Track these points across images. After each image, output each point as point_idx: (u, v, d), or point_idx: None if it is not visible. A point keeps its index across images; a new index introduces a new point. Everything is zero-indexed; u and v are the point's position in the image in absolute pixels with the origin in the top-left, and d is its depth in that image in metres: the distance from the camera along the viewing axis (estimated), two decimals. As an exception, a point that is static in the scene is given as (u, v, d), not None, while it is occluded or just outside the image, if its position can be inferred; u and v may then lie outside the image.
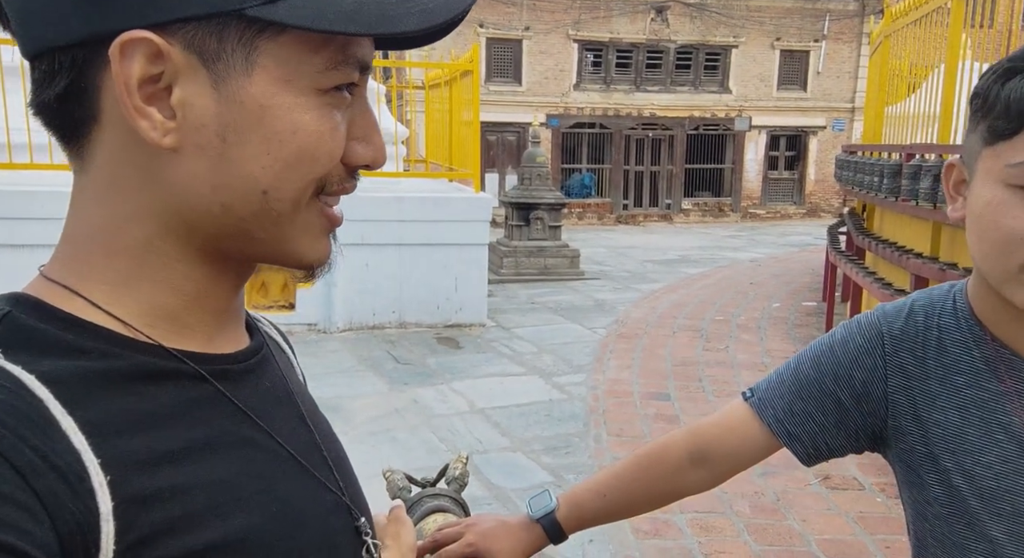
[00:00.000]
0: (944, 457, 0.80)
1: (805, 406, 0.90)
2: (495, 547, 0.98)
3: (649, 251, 12.31)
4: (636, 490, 1.01)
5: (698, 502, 3.38)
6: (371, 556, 0.58)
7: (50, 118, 0.47)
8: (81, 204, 0.48)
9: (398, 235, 6.14)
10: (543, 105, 16.73)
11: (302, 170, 0.46)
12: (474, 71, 6.59)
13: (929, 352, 0.82)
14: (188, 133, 0.44)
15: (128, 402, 0.44)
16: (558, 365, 5.51)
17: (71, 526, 0.38)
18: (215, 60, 0.43)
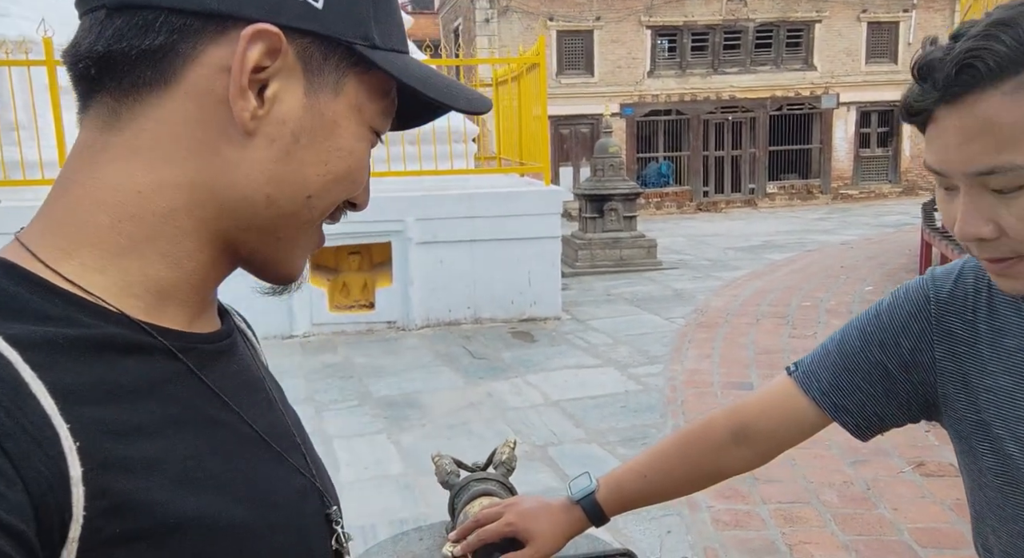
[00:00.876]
0: (996, 424, 0.76)
1: (852, 377, 0.87)
2: (534, 527, 0.97)
3: (731, 238, 11.96)
4: (678, 470, 0.99)
5: (782, 492, 3.26)
6: (340, 545, 0.57)
7: (109, 69, 0.46)
8: (99, 163, 0.47)
9: (470, 232, 6.19)
10: (616, 95, 16.51)
11: (341, 187, 0.52)
12: (541, 64, 6.56)
13: (979, 315, 0.78)
14: (268, 124, 0.48)
15: (98, 372, 0.43)
16: (634, 356, 5.43)
17: (43, 489, 0.38)
18: (315, 73, 0.49)
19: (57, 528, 0.39)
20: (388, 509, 3.22)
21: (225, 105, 0.46)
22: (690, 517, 3.11)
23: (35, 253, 0.46)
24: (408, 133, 6.25)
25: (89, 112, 0.48)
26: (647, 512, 3.14)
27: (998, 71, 0.61)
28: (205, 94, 0.46)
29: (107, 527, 0.40)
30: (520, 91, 7.08)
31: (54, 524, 0.39)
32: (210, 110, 0.46)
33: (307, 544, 0.53)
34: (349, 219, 2.48)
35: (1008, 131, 0.62)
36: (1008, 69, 0.61)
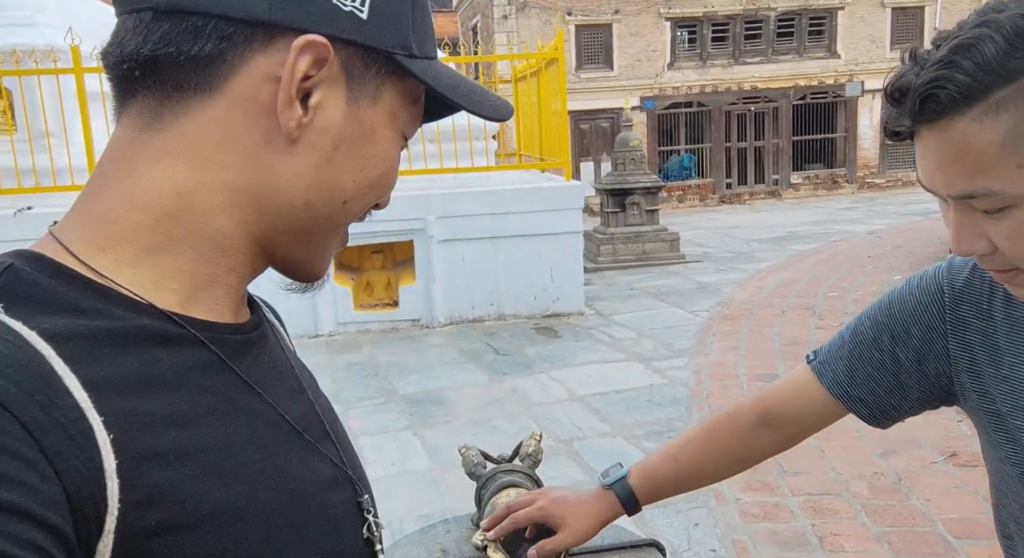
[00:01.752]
0: (1013, 415, 0.75)
1: (865, 367, 0.87)
2: (566, 513, 0.97)
3: (756, 230, 11.84)
4: (708, 453, 1.00)
5: (811, 484, 3.23)
6: (372, 534, 0.57)
7: (154, 71, 0.46)
8: (139, 163, 0.47)
9: (492, 228, 6.20)
10: (636, 88, 16.42)
11: (375, 192, 0.54)
12: (559, 58, 6.55)
13: (996, 304, 0.77)
14: (311, 132, 0.49)
15: (130, 364, 0.44)
16: (659, 350, 5.40)
17: (78, 483, 0.38)
18: (356, 82, 0.50)
19: (93, 521, 0.39)
20: (414, 505, 3.24)
21: (269, 112, 0.47)
22: (718, 510, 3.10)
23: (68, 247, 0.46)
24: (428, 131, 6.28)
25: (128, 112, 0.48)
26: (674, 505, 3.13)
27: (962, 100, 0.60)
28: (250, 101, 0.47)
29: (142, 519, 0.41)
30: (539, 87, 7.07)
31: (90, 517, 0.39)
32: (254, 117, 0.47)
33: (338, 533, 0.53)
34: (371, 218, 2.51)
35: (979, 157, 0.61)
36: (972, 96, 0.60)
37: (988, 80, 0.59)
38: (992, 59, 0.59)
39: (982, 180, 0.62)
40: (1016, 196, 0.62)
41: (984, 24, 0.60)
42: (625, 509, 1.01)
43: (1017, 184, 0.61)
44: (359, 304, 6.32)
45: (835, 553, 2.72)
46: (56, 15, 6.19)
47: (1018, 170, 0.60)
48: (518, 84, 8.02)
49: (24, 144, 5.59)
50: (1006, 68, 0.59)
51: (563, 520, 0.97)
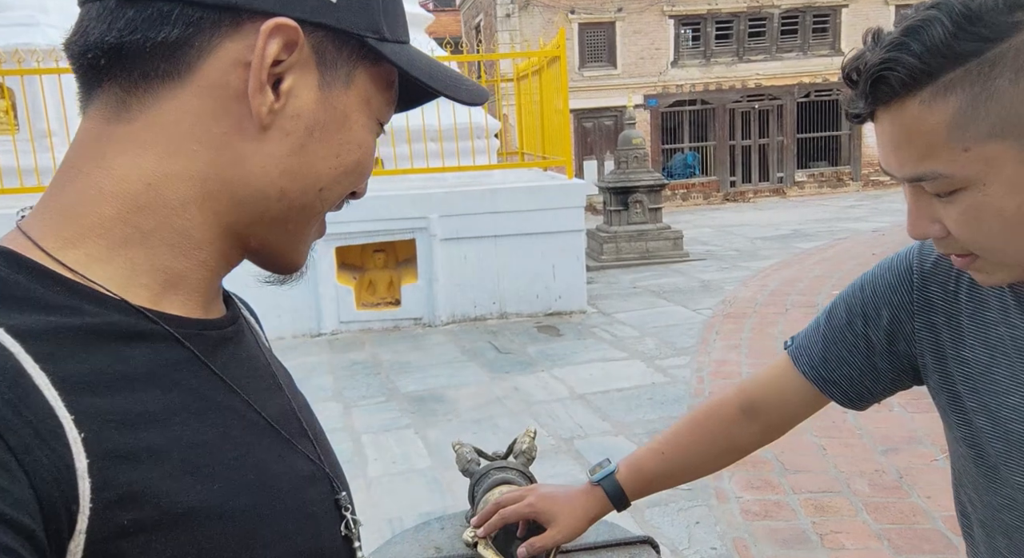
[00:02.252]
0: (969, 396, 0.76)
1: (838, 350, 0.87)
2: (556, 509, 0.97)
3: (760, 228, 11.81)
4: (693, 446, 1.00)
5: (812, 482, 3.22)
6: (350, 531, 0.56)
7: (120, 60, 0.45)
8: (106, 154, 0.46)
9: (493, 227, 6.20)
10: (640, 86, 16.39)
11: (351, 179, 0.53)
12: (561, 57, 6.54)
13: (962, 286, 0.77)
14: (283, 118, 0.48)
15: (101, 361, 0.43)
16: (661, 348, 5.39)
17: (48, 483, 0.37)
18: (328, 67, 0.49)
19: (64, 521, 0.38)
20: (416, 502, 3.25)
21: (240, 99, 0.46)
22: (719, 507, 3.09)
23: (37, 242, 0.45)
24: (430, 130, 6.29)
25: (94, 103, 0.47)
26: (675, 503, 3.13)
27: (911, 83, 0.60)
28: (220, 88, 0.46)
29: (115, 518, 0.40)
30: (541, 85, 7.06)
31: (61, 517, 0.38)
32: (224, 104, 0.46)
33: (316, 530, 0.52)
34: (374, 217, 2.56)
35: (929, 139, 0.61)
36: (921, 79, 0.60)
37: (937, 63, 0.59)
38: (940, 42, 0.59)
39: (931, 163, 0.62)
40: (964, 179, 0.62)
41: (935, 6, 0.60)
42: (614, 505, 1.00)
43: (965, 167, 0.61)
44: (361, 303, 6.32)
45: (836, 551, 2.72)
46: (58, 15, 6.21)
47: (964, 154, 0.60)
48: (520, 83, 8.02)
49: (26, 143, 5.61)
50: (954, 51, 0.58)
51: (552, 516, 0.97)
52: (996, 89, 0.58)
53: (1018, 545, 0.76)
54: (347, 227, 5.99)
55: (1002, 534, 0.78)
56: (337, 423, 4.23)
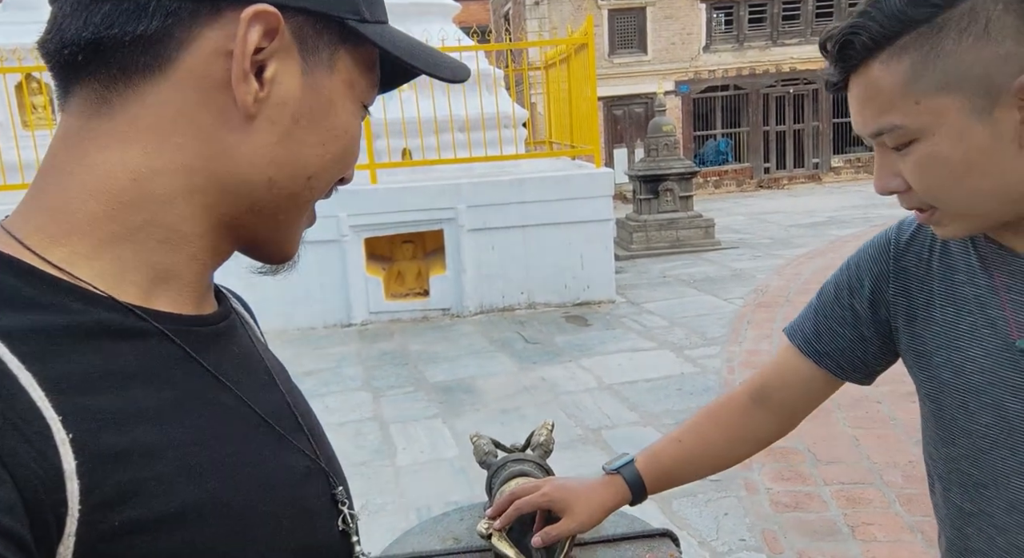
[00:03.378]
0: (938, 353, 0.82)
1: (829, 323, 0.92)
2: (570, 499, 0.97)
3: (794, 215, 11.61)
4: (709, 434, 1.01)
5: (844, 473, 3.17)
6: (348, 526, 0.56)
7: (97, 55, 0.44)
8: (89, 150, 0.46)
9: (521, 217, 6.18)
10: (671, 72, 16.18)
11: (339, 166, 0.52)
12: (589, 44, 6.48)
13: (934, 254, 0.83)
14: (268, 107, 0.47)
15: (90, 360, 0.42)
16: (691, 338, 5.34)
17: (35, 485, 0.37)
18: (310, 52, 0.48)
19: (53, 524, 0.38)
20: (443, 492, 3.27)
21: (223, 89, 0.45)
22: (748, 499, 3.06)
23: (22, 240, 0.44)
24: (458, 120, 6.29)
25: (73, 100, 0.46)
26: (703, 494, 3.10)
27: (873, 45, 0.69)
28: (202, 79, 0.45)
29: (105, 520, 0.39)
30: (569, 73, 7.01)
31: (49, 520, 0.37)
32: (208, 95, 0.46)
33: (313, 525, 0.52)
34: (402, 208, 2.56)
35: (887, 95, 0.70)
36: (882, 42, 0.68)
37: (894, 27, 0.67)
38: (897, 10, 0.67)
39: (888, 116, 0.70)
40: (916, 130, 0.69)
41: None
42: (633, 494, 1.00)
43: (917, 119, 0.69)
44: (391, 294, 6.37)
45: (867, 543, 2.67)
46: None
47: (915, 106, 0.68)
48: (548, 71, 7.97)
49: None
50: (908, 17, 0.67)
51: (568, 506, 0.96)
52: (943, 49, 0.66)
53: (972, 496, 0.82)
54: (376, 218, 6.04)
55: (958, 486, 0.83)
56: (366, 412, 4.28)
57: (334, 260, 6.03)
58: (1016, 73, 0.65)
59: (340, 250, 6.03)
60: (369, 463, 3.62)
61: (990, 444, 0.78)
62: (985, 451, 0.79)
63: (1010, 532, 0.79)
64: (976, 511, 0.82)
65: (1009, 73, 0.65)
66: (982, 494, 0.80)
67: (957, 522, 0.85)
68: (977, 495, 0.81)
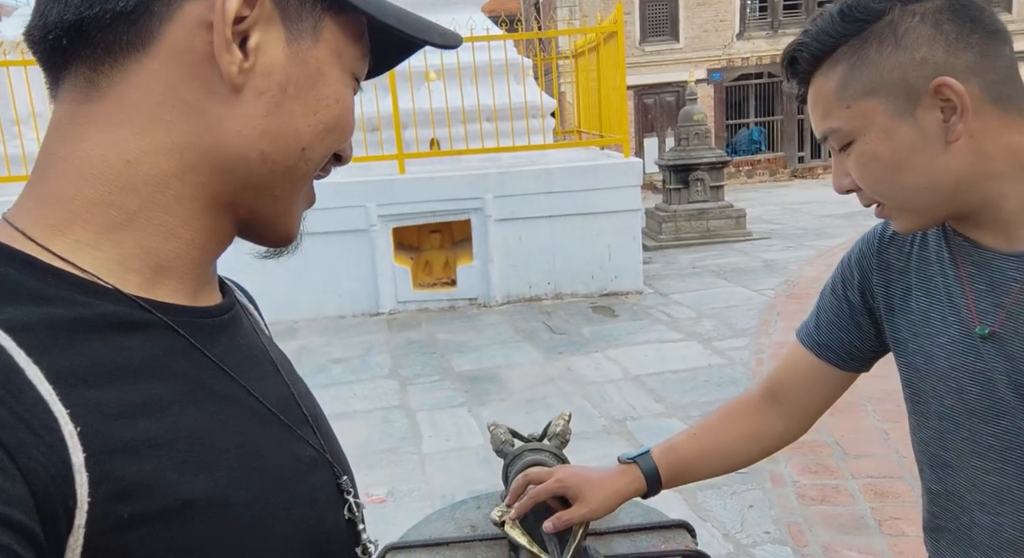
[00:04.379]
0: (911, 341, 0.87)
1: (827, 316, 0.96)
2: (584, 485, 0.97)
3: (828, 205, 11.38)
4: (724, 430, 1.03)
5: (872, 466, 3.13)
6: (353, 515, 0.56)
7: (81, 37, 0.44)
8: (82, 136, 0.45)
9: (548, 207, 6.17)
10: (703, 60, 15.94)
11: (333, 137, 0.51)
12: (619, 32, 6.42)
13: (914, 247, 0.88)
14: (254, 77, 0.46)
15: (96, 352, 0.42)
16: (719, 330, 5.29)
17: (44, 479, 0.37)
18: (293, 20, 0.48)
19: (62, 517, 0.38)
20: (468, 480, 3.30)
21: (208, 62, 0.45)
22: (774, 491, 3.03)
23: (24, 231, 0.44)
24: (485, 110, 6.28)
25: (63, 86, 0.46)
26: (728, 486, 3.08)
27: (813, 60, 0.78)
28: (186, 53, 0.45)
29: (114, 512, 0.39)
30: (599, 61, 6.96)
31: (58, 513, 0.37)
32: (193, 69, 0.45)
33: (319, 515, 0.52)
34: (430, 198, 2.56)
35: (826, 101, 0.78)
36: (820, 56, 0.77)
37: (828, 42, 0.76)
38: (829, 27, 0.76)
39: (828, 121, 0.78)
40: (850, 132, 0.77)
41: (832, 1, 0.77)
42: (648, 484, 1.00)
43: (849, 122, 0.76)
44: (418, 283, 6.41)
45: (895, 537, 2.63)
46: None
47: (847, 110, 0.76)
48: (578, 60, 7.91)
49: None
50: (839, 32, 0.76)
51: (581, 492, 0.96)
52: (867, 58, 0.74)
53: (940, 476, 0.87)
54: (404, 208, 6.07)
55: (928, 467, 0.89)
56: (393, 400, 4.33)
57: (363, 250, 6.09)
58: (931, 76, 0.72)
59: (369, 240, 6.08)
60: (395, 450, 3.66)
61: (953, 426, 0.83)
62: (949, 432, 0.84)
63: (972, 511, 0.84)
64: (942, 491, 0.87)
65: (925, 76, 0.72)
66: (948, 474, 0.85)
67: (929, 502, 0.91)
68: (944, 475, 0.86)
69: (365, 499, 3.25)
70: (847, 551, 2.60)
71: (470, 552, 1.08)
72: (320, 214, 5.86)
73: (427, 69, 6.31)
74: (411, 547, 1.09)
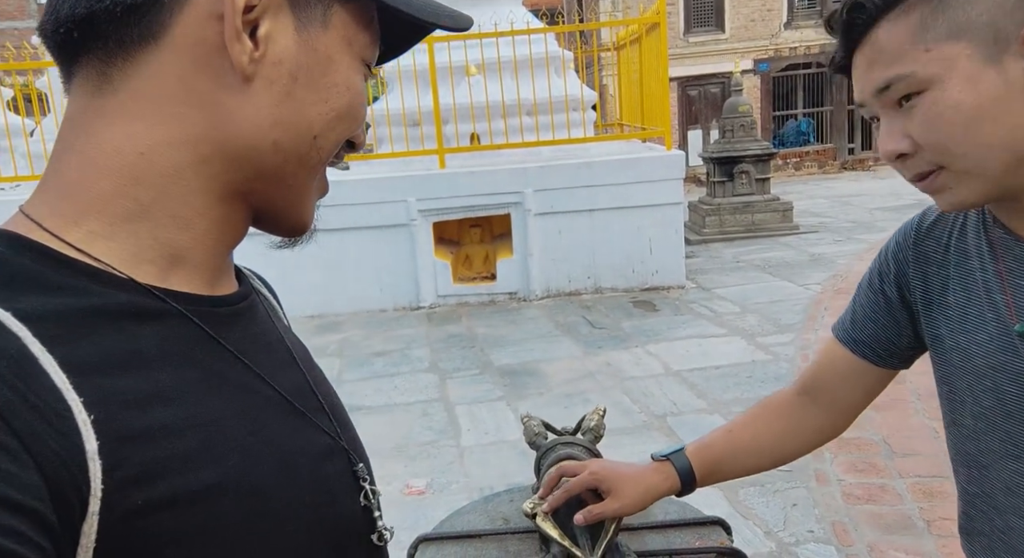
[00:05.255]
0: (948, 337, 0.84)
1: (864, 311, 0.93)
2: (617, 480, 0.96)
3: (879, 198, 11.08)
4: (759, 427, 1.01)
5: (922, 465, 3.04)
6: (369, 502, 0.56)
7: (93, 31, 0.45)
8: (96, 128, 0.46)
9: (589, 201, 6.13)
10: (749, 51, 15.63)
11: (344, 124, 0.51)
12: (661, 23, 6.33)
13: (952, 238, 0.84)
14: (265, 66, 0.47)
15: (110, 341, 0.42)
16: (763, 325, 5.19)
17: (56, 466, 0.37)
18: (302, 8, 0.48)
19: (76, 504, 0.38)
20: (506, 473, 3.30)
21: (218, 53, 0.45)
22: (818, 490, 2.97)
23: (40, 223, 0.45)
24: (525, 103, 6.27)
25: (76, 79, 0.47)
26: (771, 484, 3.03)
27: (883, 7, 0.71)
28: (197, 44, 0.45)
29: (128, 499, 0.40)
30: (641, 53, 6.88)
31: (72, 500, 0.38)
32: (204, 60, 0.45)
33: (335, 503, 0.52)
34: (470, 192, 2.57)
35: (895, 49, 0.71)
36: (890, 4, 0.71)
37: None
38: None
39: (898, 66, 0.71)
40: (926, 78, 0.70)
41: None
42: (682, 481, 0.98)
43: (927, 66, 0.70)
44: (458, 277, 6.44)
45: (944, 538, 2.55)
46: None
47: (926, 53, 0.69)
48: (620, 52, 7.84)
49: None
50: None
51: (613, 487, 0.96)
52: (950, 1, 0.68)
53: (975, 477, 0.84)
54: (444, 202, 6.10)
55: (963, 467, 0.85)
56: (433, 394, 4.36)
57: (404, 244, 6.14)
58: (1021, 21, 0.66)
59: (409, 234, 6.13)
60: (435, 443, 3.69)
61: (989, 426, 0.80)
62: (984, 433, 0.81)
63: (1007, 514, 0.81)
64: (978, 492, 0.84)
65: (1017, 22, 0.66)
66: (983, 475, 0.82)
67: (963, 503, 0.88)
68: (979, 476, 0.83)
69: (405, 490, 3.23)
70: (893, 552, 2.52)
71: (502, 545, 1.08)
72: (361, 209, 5.94)
73: (467, 63, 6.33)
74: (443, 539, 1.10)
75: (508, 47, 6.45)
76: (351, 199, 5.88)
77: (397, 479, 3.31)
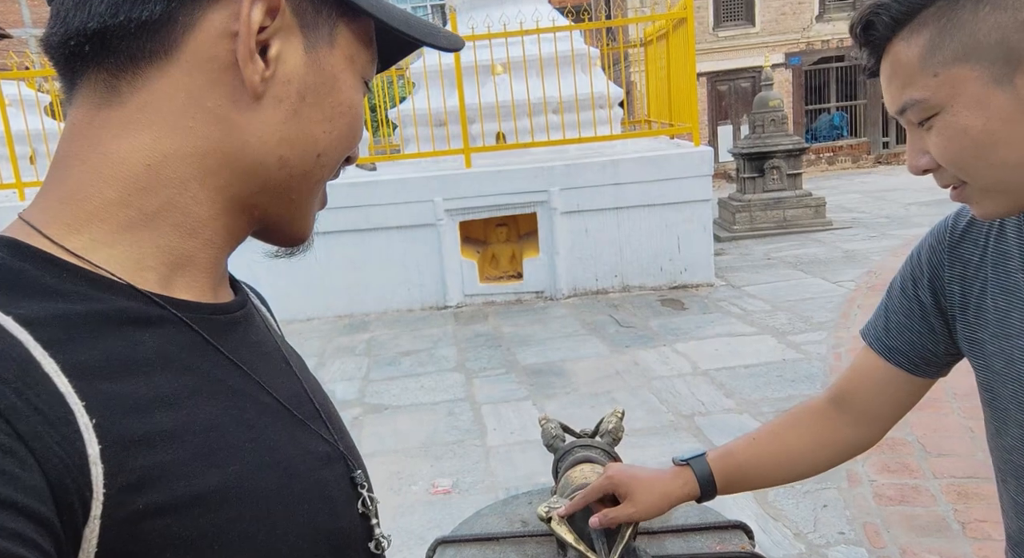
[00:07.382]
0: (990, 342, 0.81)
1: (898, 318, 0.91)
2: (634, 484, 0.95)
3: (914, 192, 10.84)
4: (786, 435, 0.99)
5: (956, 466, 2.97)
6: (367, 509, 0.56)
7: (104, 44, 0.45)
8: (102, 139, 0.46)
9: (616, 199, 6.09)
10: (780, 44, 15.39)
11: (347, 142, 0.53)
12: (688, 18, 6.26)
13: (990, 240, 0.82)
14: (275, 85, 0.48)
15: (111, 347, 0.43)
16: (794, 323, 5.11)
17: (59, 470, 0.37)
18: (310, 28, 0.49)
19: (78, 507, 0.38)
20: (531, 473, 3.30)
21: (229, 70, 0.46)
22: (849, 491, 2.92)
23: (41, 229, 0.45)
24: (551, 102, 6.25)
25: (80, 91, 0.47)
26: (801, 485, 2.98)
27: (894, 23, 0.70)
28: (208, 61, 0.46)
29: (129, 503, 0.40)
30: (669, 49, 6.81)
31: (74, 503, 0.38)
32: (215, 77, 0.46)
33: (333, 509, 0.53)
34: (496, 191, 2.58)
35: (907, 70, 0.70)
36: (902, 19, 0.70)
37: (913, 3, 0.68)
38: None
39: (909, 91, 0.71)
40: (936, 103, 0.69)
41: None
42: (701, 488, 0.97)
43: (936, 92, 0.69)
44: (485, 277, 6.45)
45: (979, 541, 2.49)
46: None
47: (934, 78, 0.69)
48: (647, 48, 7.77)
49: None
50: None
51: (630, 491, 0.95)
52: (959, 20, 0.66)
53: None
54: (470, 202, 6.11)
55: (1012, 477, 0.82)
56: (459, 393, 4.37)
57: (430, 243, 6.17)
58: None
59: (436, 234, 6.15)
60: (461, 442, 3.70)
61: None
62: None
63: None
64: None
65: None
66: None
67: (1014, 514, 0.84)
68: None
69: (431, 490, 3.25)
70: (926, 554, 2.47)
71: (520, 547, 1.08)
72: (388, 209, 5.98)
73: (493, 62, 6.33)
74: (461, 541, 1.10)
75: (534, 45, 6.43)
76: (378, 200, 5.93)
77: (423, 479, 3.33)
